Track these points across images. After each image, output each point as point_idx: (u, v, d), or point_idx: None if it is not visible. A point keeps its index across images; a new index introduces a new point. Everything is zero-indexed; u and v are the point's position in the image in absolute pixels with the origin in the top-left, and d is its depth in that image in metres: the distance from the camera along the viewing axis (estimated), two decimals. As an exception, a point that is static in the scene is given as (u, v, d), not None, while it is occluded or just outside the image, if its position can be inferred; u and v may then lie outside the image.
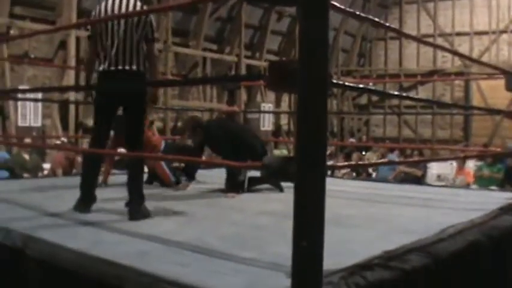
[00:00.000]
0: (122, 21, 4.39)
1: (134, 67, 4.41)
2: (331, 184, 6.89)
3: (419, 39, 11.97)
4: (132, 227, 3.93)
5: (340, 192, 6.55)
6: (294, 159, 2.16)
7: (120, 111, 4.71)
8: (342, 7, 2.76)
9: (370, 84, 21.57)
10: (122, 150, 6.05)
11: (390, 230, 3.97)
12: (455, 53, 11.84)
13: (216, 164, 8.02)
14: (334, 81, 2.82)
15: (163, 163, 6.53)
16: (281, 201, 5.29)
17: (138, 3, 4.56)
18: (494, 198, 5.65)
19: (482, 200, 5.68)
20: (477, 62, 8.23)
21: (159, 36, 13.41)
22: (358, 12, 3.32)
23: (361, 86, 4.42)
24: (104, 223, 4.08)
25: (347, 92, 21.17)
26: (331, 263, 2.74)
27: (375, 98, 21.71)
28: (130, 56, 4.40)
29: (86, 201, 4.53)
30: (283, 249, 2.61)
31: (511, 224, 4.37)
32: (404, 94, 6.94)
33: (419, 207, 5.30)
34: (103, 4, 4.53)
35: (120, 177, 6.26)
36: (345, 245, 3.40)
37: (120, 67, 4.38)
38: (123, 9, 4.47)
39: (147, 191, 4.71)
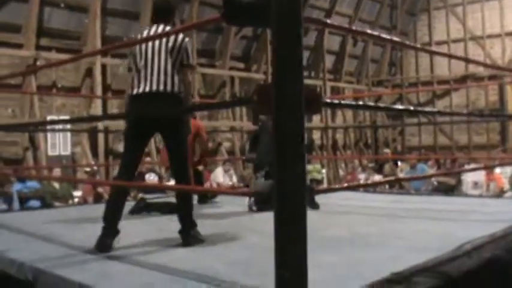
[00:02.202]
0: (156, 47, 4.28)
1: (169, 88, 4.24)
2: (356, 199, 6.87)
3: (424, 49, 11.76)
4: (141, 256, 3.86)
5: (364, 207, 6.44)
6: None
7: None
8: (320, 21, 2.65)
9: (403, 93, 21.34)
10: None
11: (406, 248, 3.83)
12: (466, 59, 11.59)
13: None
14: (328, 100, 2.73)
15: None
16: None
17: (180, 36, 4.40)
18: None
19: (510, 209, 5.47)
20: (495, 67, 7.99)
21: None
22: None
23: (353, 103, 4.30)
24: (115, 254, 4.02)
25: (379, 102, 20.93)
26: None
27: (408, 106, 21.38)
28: (164, 78, 4.24)
29: (108, 236, 4.16)
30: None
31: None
32: (419, 108, 6.72)
33: (443, 221, 5.14)
34: (139, 36, 4.55)
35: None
36: (353, 268, 3.29)
37: (154, 88, 4.22)
38: (163, 44, 4.32)
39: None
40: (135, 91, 4.28)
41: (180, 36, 4.39)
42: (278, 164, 2.03)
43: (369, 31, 4.08)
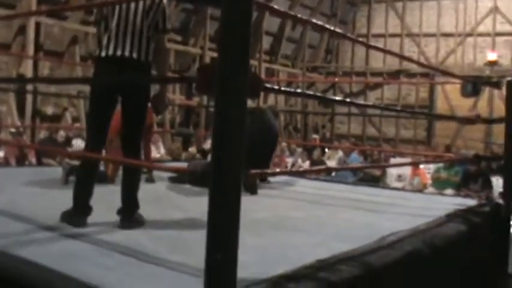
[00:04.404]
0: (132, 5, 3.91)
1: (143, 56, 3.93)
2: (284, 184, 6.93)
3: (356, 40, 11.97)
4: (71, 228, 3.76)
5: (292, 192, 6.50)
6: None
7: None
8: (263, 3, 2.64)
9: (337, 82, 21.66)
10: None
11: (331, 236, 3.90)
12: (401, 56, 11.83)
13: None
14: (268, 85, 2.72)
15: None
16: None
17: None
18: (445, 204, 5.61)
19: (432, 205, 5.64)
20: (427, 66, 8.20)
21: (195, 41, 12.94)
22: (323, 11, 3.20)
23: (290, 89, 4.33)
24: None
25: (313, 87, 21.15)
26: (256, 272, 2.67)
27: (340, 94, 21.74)
28: (139, 44, 3.92)
29: (80, 212, 3.86)
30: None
31: (455, 232, 4.34)
32: (352, 100, 6.83)
33: (368, 212, 5.23)
34: None
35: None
36: (280, 252, 3.32)
37: (126, 54, 3.88)
38: None
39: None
40: (103, 53, 3.92)
41: None
42: (217, 147, 2.01)
43: (306, 18, 4.04)
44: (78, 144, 11.17)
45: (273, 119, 7.03)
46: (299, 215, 4.82)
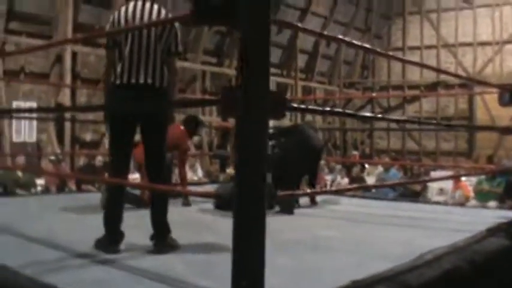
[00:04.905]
0: (145, 31, 3.90)
1: (157, 82, 3.92)
2: (322, 202, 6.85)
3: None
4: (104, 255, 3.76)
5: (329, 211, 6.42)
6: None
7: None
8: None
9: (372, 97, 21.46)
10: None
11: (367, 255, 3.81)
12: (427, 66, 11.63)
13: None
14: (295, 105, 2.67)
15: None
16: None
17: (163, 11, 4.04)
18: (487, 218, 5.46)
19: (473, 219, 5.51)
20: (464, 78, 8.05)
21: (195, 56, 13.13)
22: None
23: (319, 108, 4.26)
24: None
25: (349, 104, 21.02)
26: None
27: (378, 109, 21.55)
28: (153, 70, 3.91)
29: (112, 239, 3.88)
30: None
31: (497, 247, 4.20)
32: (380, 116, 6.73)
33: (406, 228, 5.14)
34: (122, 11, 4.02)
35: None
36: (313, 274, 3.26)
37: (141, 81, 3.88)
38: (146, 17, 3.95)
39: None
40: (118, 81, 3.91)
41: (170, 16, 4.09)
42: (239, 168, 1.97)
43: (340, 36, 4.01)
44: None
45: (312, 133, 7.06)
46: (335, 234, 4.75)
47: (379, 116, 5.09)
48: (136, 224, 4.18)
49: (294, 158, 6.44)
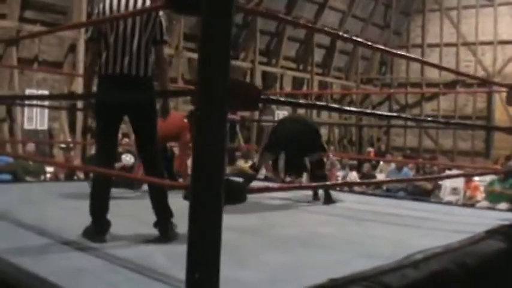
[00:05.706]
0: (129, 20, 3.88)
1: (142, 72, 3.91)
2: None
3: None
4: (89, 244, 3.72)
5: (332, 207, 6.34)
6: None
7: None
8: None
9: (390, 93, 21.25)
10: None
11: (356, 253, 3.73)
12: (456, 72, 11.47)
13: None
14: (273, 97, 2.61)
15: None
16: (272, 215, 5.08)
17: (147, 1, 4.02)
18: (491, 219, 5.33)
19: (476, 220, 5.37)
20: (482, 79, 7.91)
21: (171, 41, 13.25)
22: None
23: (292, 100, 4.19)
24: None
25: (367, 100, 20.86)
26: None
27: (396, 106, 21.37)
28: (137, 60, 3.90)
29: (98, 228, 3.86)
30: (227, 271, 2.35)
31: (493, 250, 4.09)
32: (396, 114, 6.63)
33: (404, 227, 5.03)
34: (107, 1, 4.00)
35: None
36: (295, 270, 3.19)
37: (125, 71, 3.87)
38: (131, 7, 3.93)
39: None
40: (103, 71, 3.91)
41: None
42: (197, 160, 1.91)
43: (354, 38, 3.94)
44: (127, 159, 11.26)
45: (301, 117, 7.61)
46: (330, 231, 4.68)
47: (389, 114, 4.94)
48: (129, 213, 4.15)
49: (289, 135, 6.56)
